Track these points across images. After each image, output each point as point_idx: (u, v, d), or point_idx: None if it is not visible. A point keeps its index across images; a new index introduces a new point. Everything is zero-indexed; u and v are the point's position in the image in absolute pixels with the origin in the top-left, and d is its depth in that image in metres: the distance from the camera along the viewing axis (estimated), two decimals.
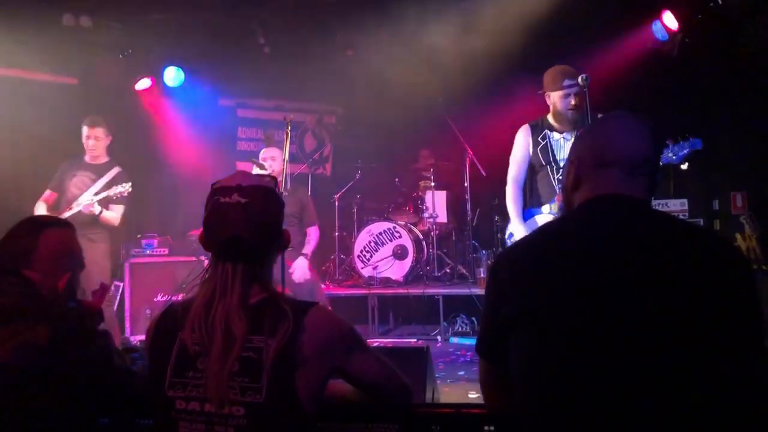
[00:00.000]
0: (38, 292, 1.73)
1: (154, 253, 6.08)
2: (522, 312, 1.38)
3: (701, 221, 6.18)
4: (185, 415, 1.47)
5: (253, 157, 6.24)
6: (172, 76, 6.99)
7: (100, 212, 4.85)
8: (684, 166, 3.70)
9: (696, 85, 6.44)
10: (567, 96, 3.79)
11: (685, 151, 3.64)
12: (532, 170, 3.99)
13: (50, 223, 1.89)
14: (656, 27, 6.26)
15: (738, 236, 5.68)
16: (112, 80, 6.65)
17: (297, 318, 1.49)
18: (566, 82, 3.79)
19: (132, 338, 5.66)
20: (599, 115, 3.78)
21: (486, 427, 1.76)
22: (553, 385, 1.32)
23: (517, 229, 3.90)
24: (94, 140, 5.09)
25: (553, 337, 1.33)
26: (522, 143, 4.01)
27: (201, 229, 1.60)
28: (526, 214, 3.97)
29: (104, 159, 5.18)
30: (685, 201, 6.22)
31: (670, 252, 1.33)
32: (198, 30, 6.59)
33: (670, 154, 3.64)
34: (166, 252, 6.13)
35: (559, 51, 5.55)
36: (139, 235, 6.19)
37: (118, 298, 5.78)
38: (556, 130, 3.91)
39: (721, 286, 1.28)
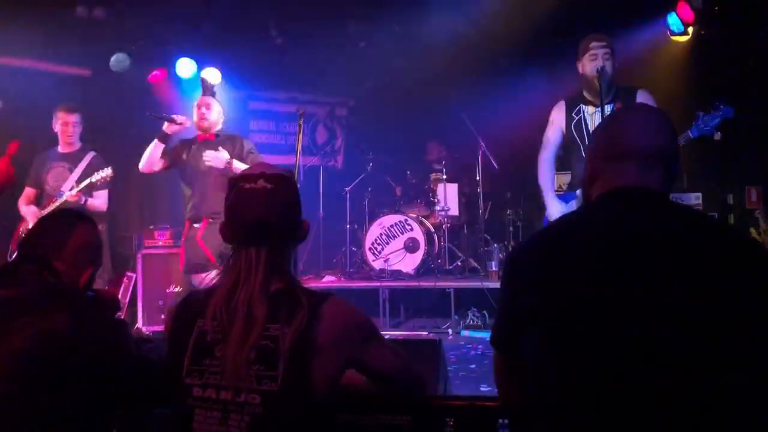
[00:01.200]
0: (58, 282, 1.75)
1: (167, 244, 6.11)
2: (538, 305, 1.37)
3: (715, 215, 6.13)
4: (201, 403, 1.47)
5: (263, 150, 6.19)
6: (185, 67, 7.00)
7: (86, 201, 4.85)
8: (717, 137, 3.60)
9: (710, 78, 6.39)
10: (593, 59, 3.68)
11: (717, 120, 3.52)
12: (568, 150, 3.86)
13: (82, 217, 1.94)
14: (671, 19, 6.21)
15: (752, 231, 5.65)
16: (125, 72, 6.67)
17: (313, 308, 1.50)
18: (593, 44, 3.69)
19: (145, 329, 5.69)
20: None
21: (500, 420, 1.75)
22: (569, 379, 1.31)
23: (553, 209, 3.77)
24: (72, 127, 5.05)
25: (569, 331, 1.32)
26: (555, 121, 3.89)
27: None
28: (563, 198, 3.86)
29: (77, 146, 5.13)
30: (700, 195, 6.17)
31: (688, 245, 1.31)
32: (210, 21, 6.60)
33: (702, 125, 3.52)
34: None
35: (572, 42, 5.52)
36: (151, 226, 6.21)
37: (131, 289, 5.81)
38: (590, 104, 3.77)
39: (740, 279, 1.27)
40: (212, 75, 6.87)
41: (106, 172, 4.87)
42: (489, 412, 1.75)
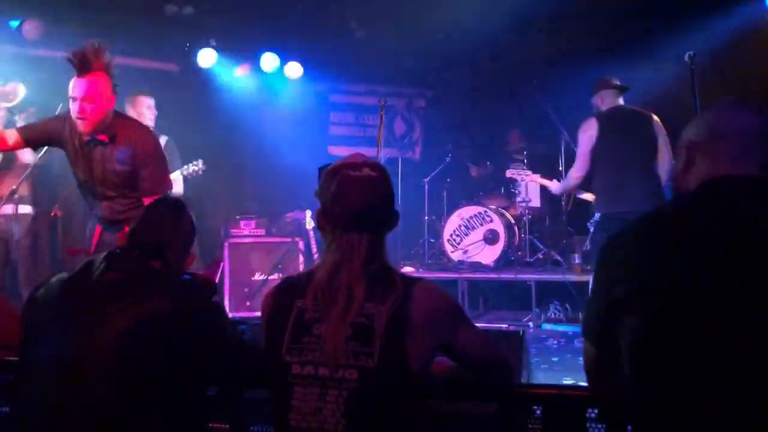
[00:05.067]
0: (162, 268, 1.82)
1: (252, 233, 6.30)
2: (636, 294, 1.33)
3: None
4: (300, 380, 1.52)
5: (342, 142, 6.16)
6: (269, 61, 7.18)
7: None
8: None
9: None
10: None
11: None
12: None
13: (185, 205, 2.05)
14: None
15: None
16: (211, 67, 6.91)
17: (406, 288, 1.54)
18: None
19: (231, 315, 5.88)
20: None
21: (589, 410, 1.73)
22: (668, 369, 1.27)
23: None
24: (151, 110, 5.03)
25: (668, 321, 1.28)
26: None
27: (312, 208, 1.66)
28: None
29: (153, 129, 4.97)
30: None
31: None
32: (292, 15, 6.73)
33: None
34: (263, 233, 6.34)
35: (661, 25, 5.32)
36: (237, 216, 6.42)
37: (218, 276, 6.01)
38: None
39: None
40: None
41: (198, 165, 5.00)
42: (578, 401, 1.72)
